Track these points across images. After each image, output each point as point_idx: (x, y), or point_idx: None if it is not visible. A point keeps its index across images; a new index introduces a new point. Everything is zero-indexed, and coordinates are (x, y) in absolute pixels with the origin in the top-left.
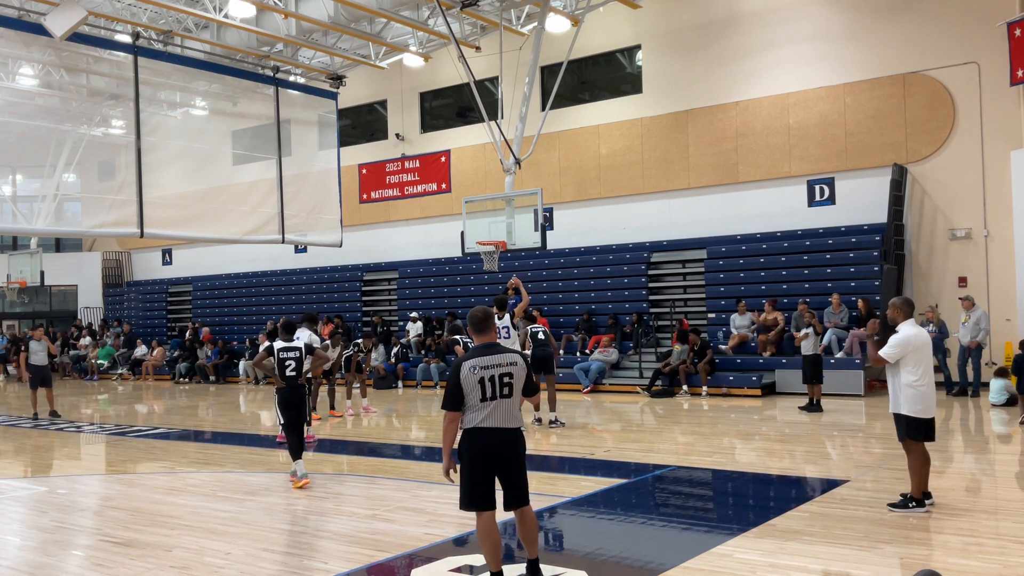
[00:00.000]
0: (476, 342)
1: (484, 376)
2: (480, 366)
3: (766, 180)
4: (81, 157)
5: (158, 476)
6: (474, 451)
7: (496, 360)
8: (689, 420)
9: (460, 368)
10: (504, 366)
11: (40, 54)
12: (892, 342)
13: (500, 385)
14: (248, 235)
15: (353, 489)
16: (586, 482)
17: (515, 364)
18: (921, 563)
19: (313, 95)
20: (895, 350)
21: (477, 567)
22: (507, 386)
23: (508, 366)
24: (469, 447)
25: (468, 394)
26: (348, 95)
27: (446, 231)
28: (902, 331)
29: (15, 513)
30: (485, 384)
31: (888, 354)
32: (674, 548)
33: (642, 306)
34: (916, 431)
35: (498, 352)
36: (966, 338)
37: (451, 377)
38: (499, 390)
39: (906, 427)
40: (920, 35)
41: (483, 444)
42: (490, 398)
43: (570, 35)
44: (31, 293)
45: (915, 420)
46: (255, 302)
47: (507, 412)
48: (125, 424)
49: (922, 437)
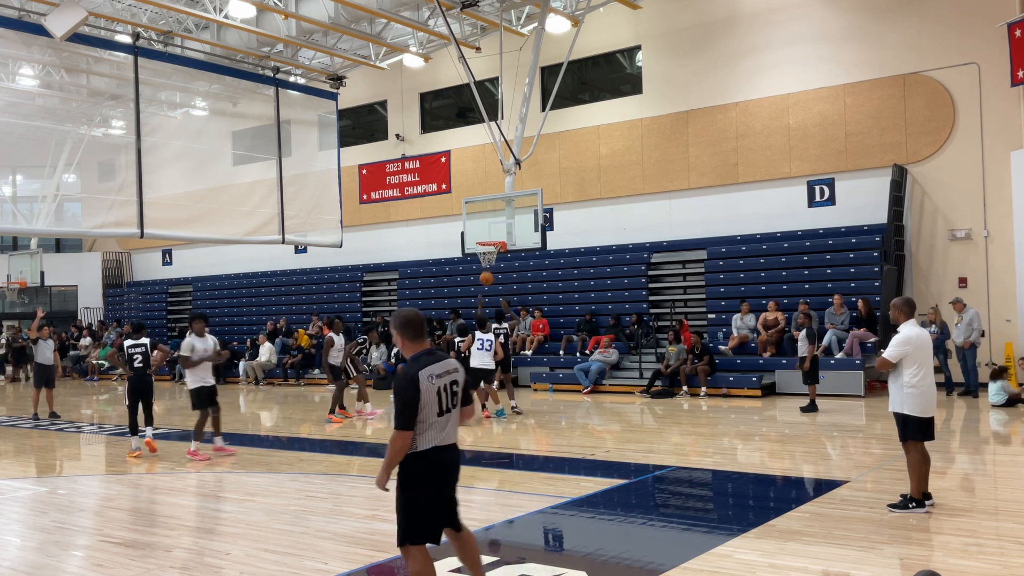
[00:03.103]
0: (411, 349)
1: (439, 386)
2: (435, 374)
3: (766, 180)
4: (81, 157)
5: (158, 476)
6: (434, 475)
7: (443, 368)
8: (689, 421)
9: (417, 378)
10: (452, 373)
11: (40, 54)
12: (894, 342)
13: (451, 395)
14: (248, 236)
15: (353, 489)
16: (586, 482)
17: (458, 371)
18: (921, 563)
19: (313, 95)
20: (897, 350)
21: None
22: (455, 396)
23: (454, 373)
24: (428, 471)
25: (425, 407)
26: (348, 95)
27: (446, 231)
28: (904, 331)
29: (15, 513)
30: (441, 395)
31: (891, 354)
32: (674, 549)
33: (642, 307)
34: (916, 431)
35: (441, 359)
36: (959, 338)
37: (407, 389)
38: (450, 401)
39: (906, 426)
40: (920, 35)
41: (440, 466)
42: (445, 411)
43: (570, 35)
44: (31, 293)
45: (915, 419)
46: (255, 302)
47: (455, 426)
48: (125, 424)
49: (922, 437)
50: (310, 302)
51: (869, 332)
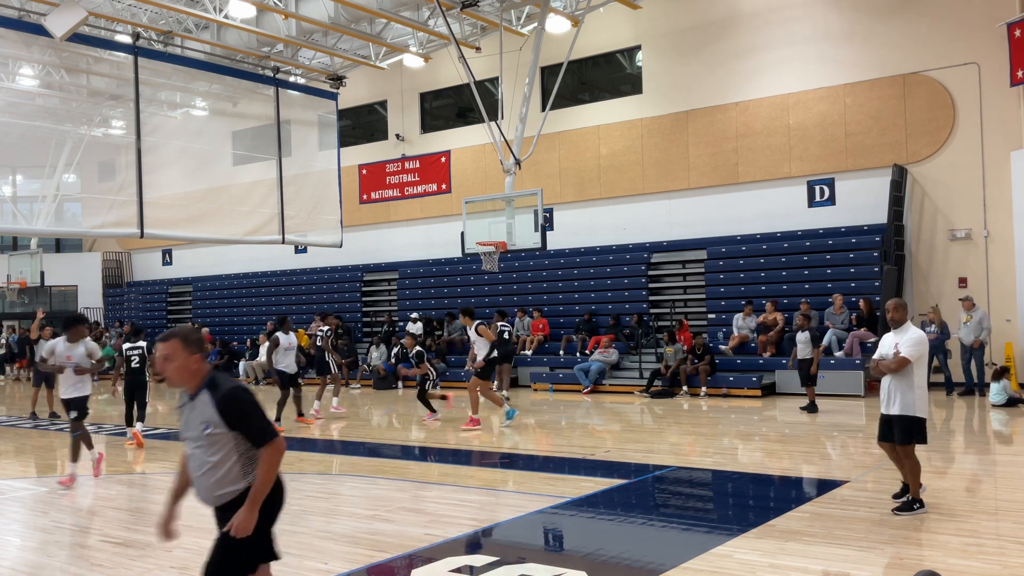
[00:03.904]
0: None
1: None
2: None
3: (766, 180)
4: (81, 157)
5: (158, 476)
6: (279, 494)
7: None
8: (689, 421)
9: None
10: None
11: (40, 54)
12: (912, 341)
13: None
14: (248, 235)
15: (353, 489)
16: (586, 482)
17: None
18: (921, 564)
19: (313, 95)
20: (917, 349)
21: (477, 567)
22: None
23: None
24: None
25: None
26: (348, 95)
27: (446, 231)
28: (915, 330)
29: (15, 513)
30: None
31: (913, 354)
32: (674, 548)
33: (642, 307)
34: (922, 432)
35: None
36: (969, 338)
37: (253, 402)
38: None
39: (915, 429)
40: (920, 35)
41: (281, 484)
42: None
43: (570, 35)
44: (31, 293)
45: (922, 421)
46: (255, 302)
47: None
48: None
49: (924, 438)
50: (310, 302)
51: (870, 332)
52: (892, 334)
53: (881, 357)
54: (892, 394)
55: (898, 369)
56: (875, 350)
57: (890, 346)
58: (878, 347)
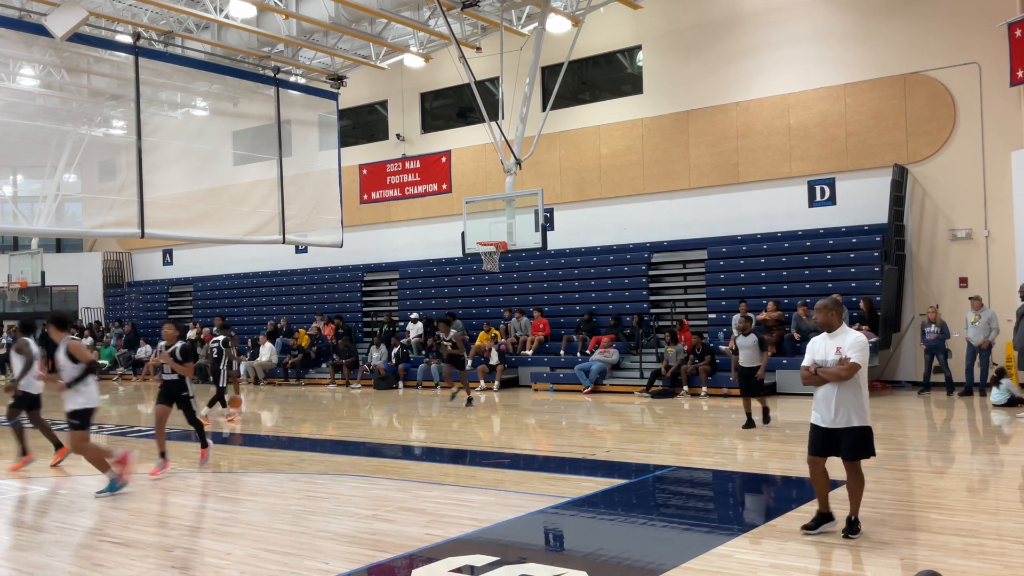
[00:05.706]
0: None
1: None
2: None
3: (767, 180)
4: (82, 157)
5: (158, 476)
6: None
7: None
8: (689, 420)
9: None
10: None
11: (41, 55)
12: (860, 345)
13: None
14: (249, 235)
15: (353, 489)
16: (587, 482)
17: None
18: (921, 563)
19: (314, 95)
20: (866, 352)
21: (478, 567)
22: None
23: None
24: None
25: None
26: (349, 95)
27: (447, 231)
28: (855, 332)
29: (15, 513)
30: None
31: (863, 358)
32: (674, 549)
33: (643, 307)
34: (872, 443)
35: None
36: (978, 338)
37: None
38: None
39: (869, 440)
40: (920, 35)
41: None
42: None
43: (570, 35)
44: (32, 293)
45: (871, 431)
46: (255, 302)
47: None
48: (126, 424)
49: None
50: (310, 302)
51: (870, 332)
52: (825, 338)
53: (818, 364)
54: (837, 404)
55: (849, 376)
56: (875, 350)
57: (827, 351)
58: (807, 353)
